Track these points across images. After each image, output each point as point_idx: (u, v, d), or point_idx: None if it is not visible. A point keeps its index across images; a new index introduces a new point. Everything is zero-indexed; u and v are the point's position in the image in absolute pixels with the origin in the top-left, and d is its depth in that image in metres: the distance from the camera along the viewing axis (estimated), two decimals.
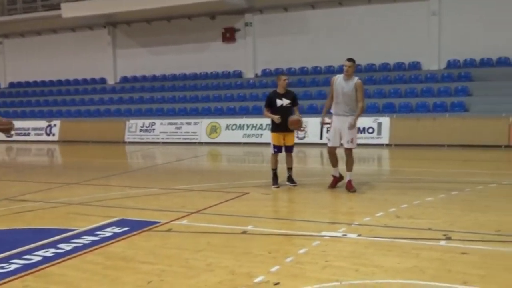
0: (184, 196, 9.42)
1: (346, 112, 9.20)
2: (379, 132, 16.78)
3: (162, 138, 20.17)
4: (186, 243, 6.35)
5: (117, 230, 7.10)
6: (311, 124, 17.65)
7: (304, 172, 11.95)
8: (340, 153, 9.55)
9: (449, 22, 19.79)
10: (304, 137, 17.67)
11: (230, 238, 6.51)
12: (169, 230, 6.97)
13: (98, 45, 26.59)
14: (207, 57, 24.24)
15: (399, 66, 20.84)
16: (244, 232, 6.73)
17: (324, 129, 10.05)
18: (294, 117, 9.73)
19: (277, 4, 22.55)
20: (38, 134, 22.75)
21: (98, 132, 21.30)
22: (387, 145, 16.68)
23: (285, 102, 9.87)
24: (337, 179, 9.65)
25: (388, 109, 18.20)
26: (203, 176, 12.00)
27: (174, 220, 7.54)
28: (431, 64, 20.33)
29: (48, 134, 22.51)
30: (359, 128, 16.95)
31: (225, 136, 18.70)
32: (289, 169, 10.06)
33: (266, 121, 16.32)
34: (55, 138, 22.39)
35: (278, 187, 9.81)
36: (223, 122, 19.22)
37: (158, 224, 7.30)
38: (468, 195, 8.71)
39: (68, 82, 27.74)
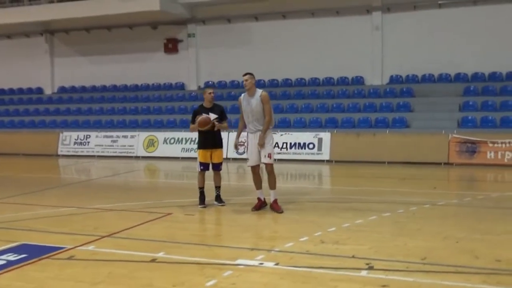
0: (101, 218, 8.72)
1: (259, 129, 8.79)
2: (319, 148, 16.40)
3: (97, 152, 19.26)
4: (84, 274, 5.69)
5: (12, 257, 6.38)
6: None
7: (240, 190, 11.42)
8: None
9: (391, 37, 19.71)
10: (244, 152, 17.12)
11: (135, 267, 5.88)
12: (70, 258, 6.29)
13: (35, 53, 25.42)
14: (149, 68, 23.46)
15: (343, 81, 20.63)
16: (153, 260, 6.12)
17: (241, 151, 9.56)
18: (202, 117, 9.10)
19: (221, 15, 22.04)
20: None
21: (30, 144, 20.20)
22: (327, 161, 16.31)
23: (212, 116, 9.30)
24: (262, 203, 9.07)
25: (330, 124, 17.89)
26: (129, 194, 11.29)
27: (80, 245, 6.86)
28: (374, 79, 20.19)
29: None
30: (299, 144, 16.63)
31: (162, 150, 17.93)
32: (217, 187, 9.51)
33: None
34: None
35: (204, 207, 9.23)
36: (160, 135, 18.47)
37: (61, 250, 6.62)
38: (400, 216, 8.34)
39: (3, 92, 26.41)
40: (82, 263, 6.10)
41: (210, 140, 9.26)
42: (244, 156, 16.85)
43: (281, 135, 16.95)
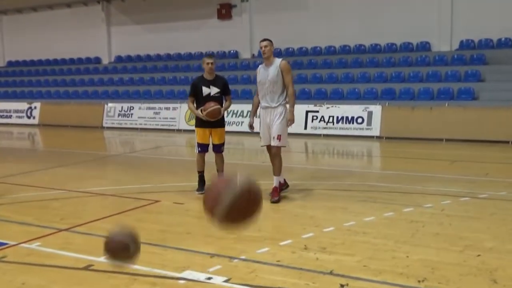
0: (81, 203, 7.80)
1: (274, 103, 7.59)
2: (369, 123, 14.73)
3: (140, 124, 18.56)
4: None
5: None
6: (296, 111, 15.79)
7: (261, 171, 10.01)
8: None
9: None
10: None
11: (59, 276, 4.88)
12: None
13: (93, 23, 25.09)
14: (202, 35, 22.40)
15: (406, 47, 18.59)
16: (87, 267, 5.08)
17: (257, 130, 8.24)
18: (211, 106, 7.84)
19: None
20: (19, 117, 21.52)
21: (78, 116, 19.90)
22: (377, 137, 14.64)
23: (213, 90, 8.05)
24: (281, 185, 7.89)
25: (387, 96, 16.10)
26: (137, 174, 10.34)
27: (26, 241, 5.93)
28: (441, 45, 18.01)
29: (28, 117, 21.23)
30: (347, 118, 15.05)
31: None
32: (220, 173, 8.23)
33: (248, 107, 14.54)
34: (35, 121, 21.10)
35: (203, 193, 8.04)
36: None
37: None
38: (423, 214, 6.79)
39: (64, 61, 26.41)
40: (4, 268, 5.15)
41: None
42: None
43: (327, 107, 15.42)
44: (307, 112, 15.63)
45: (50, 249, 5.68)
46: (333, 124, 15.26)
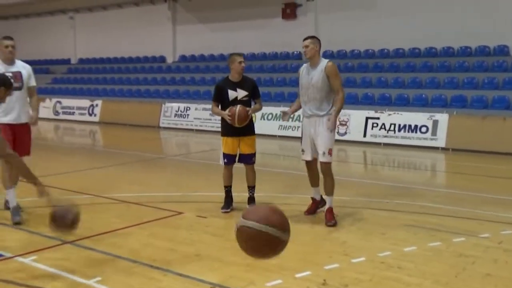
0: (98, 212, 7.26)
1: (319, 111, 6.60)
2: (434, 132, 13.50)
3: (196, 125, 18.12)
4: None
5: None
6: (355, 117, 14.85)
7: (294, 183, 9.16)
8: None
9: None
10: (345, 132, 14.83)
11: None
12: None
13: (159, 21, 25.01)
14: (266, 35, 21.72)
15: (482, 51, 17.10)
16: None
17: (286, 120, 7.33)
18: (239, 110, 6.99)
19: None
20: (81, 114, 21.71)
21: (136, 115, 19.76)
22: (443, 149, 13.40)
23: (240, 94, 7.16)
24: (317, 203, 7.11)
25: (457, 103, 14.77)
26: (174, 180, 9.82)
27: (24, 254, 5.49)
28: None
29: (90, 114, 21.34)
30: (409, 126, 13.92)
31: (259, 126, 15.98)
32: (250, 188, 7.39)
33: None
34: (96, 119, 21.18)
35: (228, 211, 7.21)
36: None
37: None
38: (477, 246, 5.77)
39: (130, 60, 26.54)
40: None
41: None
42: (343, 138, 14.64)
43: (389, 114, 14.32)
44: (367, 118, 14.61)
45: (42, 266, 5.18)
46: (395, 132, 14.14)
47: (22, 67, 6.86)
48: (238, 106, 7.05)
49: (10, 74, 6.45)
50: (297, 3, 21.06)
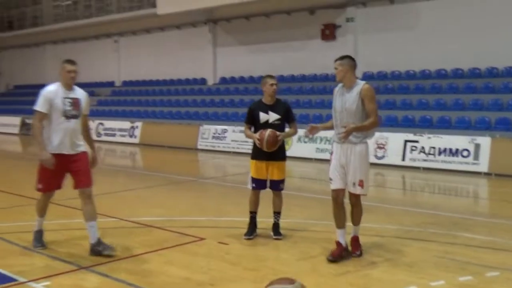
0: (119, 236, 7.14)
1: (353, 138, 6.03)
2: (476, 157, 12.96)
3: (233, 148, 18.04)
4: None
5: None
6: (393, 140, 14.44)
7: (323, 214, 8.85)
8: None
9: None
10: (383, 156, 14.43)
11: None
12: None
13: (200, 44, 25.23)
14: (305, 56, 21.56)
15: None
16: None
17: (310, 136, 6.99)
18: (268, 134, 6.81)
19: None
20: (122, 136, 22.00)
21: (174, 136, 19.86)
22: (485, 174, 12.83)
23: (272, 117, 7.04)
24: (342, 249, 6.16)
25: (501, 126, 14.20)
26: (202, 203, 9.69)
27: (37, 279, 5.42)
28: None
29: (130, 136, 21.59)
30: (450, 150, 13.41)
31: (295, 149, 15.85)
32: (276, 213, 7.15)
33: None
34: (136, 140, 21.40)
35: (251, 238, 7.00)
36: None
37: (8, 284, 5.24)
38: (508, 282, 5.37)
39: (172, 82, 26.84)
40: None
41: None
42: (382, 161, 14.26)
43: (429, 138, 13.86)
44: (405, 141, 14.19)
45: None
46: (435, 156, 13.65)
47: (81, 94, 6.39)
48: (268, 130, 6.88)
49: (70, 101, 6.19)
50: (336, 24, 20.85)
